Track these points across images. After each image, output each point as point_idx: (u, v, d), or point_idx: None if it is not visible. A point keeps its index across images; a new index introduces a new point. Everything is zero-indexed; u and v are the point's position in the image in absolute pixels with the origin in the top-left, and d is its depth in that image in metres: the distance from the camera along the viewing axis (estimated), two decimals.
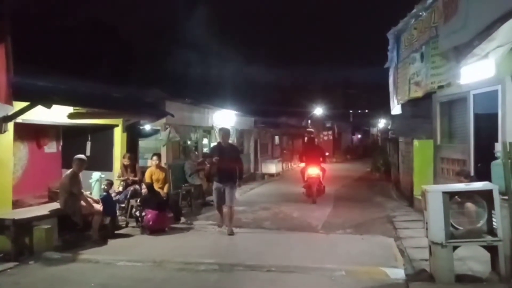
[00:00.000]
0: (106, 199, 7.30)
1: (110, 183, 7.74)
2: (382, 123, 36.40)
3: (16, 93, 5.59)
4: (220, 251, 6.27)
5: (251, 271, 5.24)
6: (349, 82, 35.76)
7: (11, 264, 5.45)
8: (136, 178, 8.35)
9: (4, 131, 6.11)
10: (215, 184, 7.68)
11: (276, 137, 22.71)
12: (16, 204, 6.67)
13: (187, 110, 11.94)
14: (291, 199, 11.42)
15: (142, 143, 10.28)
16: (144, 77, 12.95)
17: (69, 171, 6.80)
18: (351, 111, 37.41)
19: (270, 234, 7.62)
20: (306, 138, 20.96)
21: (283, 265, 5.42)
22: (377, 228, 7.81)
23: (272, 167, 18.93)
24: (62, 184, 6.71)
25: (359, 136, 44.27)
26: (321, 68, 33.86)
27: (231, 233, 7.29)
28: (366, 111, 37.10)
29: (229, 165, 7.48)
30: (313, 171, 10.99)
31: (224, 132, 8.05)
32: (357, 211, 9.71)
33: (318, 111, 29.71)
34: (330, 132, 32.53)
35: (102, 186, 7.75)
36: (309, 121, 29.30)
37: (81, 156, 6.92)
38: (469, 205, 4.60)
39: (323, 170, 11.26)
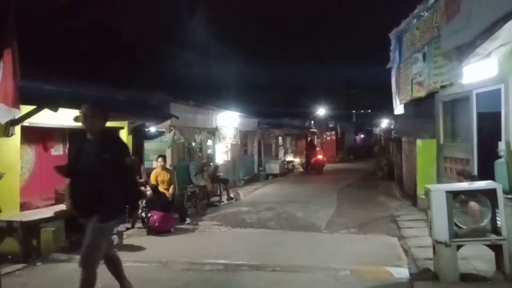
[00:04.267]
0: None
1: None
2: (385, 123, 36.38)
3: (23, 97, 5.67)
4: (225, 251, 6.31)
5: (256, 271, 5.28)
6: (352, 82, 35.83)
7: (19, 266, 5.51)
8: (142, 180, 8.43)
9: (12, 135, 6.20)
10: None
11: (280, 138, 22.79)
12: (23, 206, 6.74)
13: (191, 112, 12.02)
14: (295, 199, 11.47)
15: (148, 145, 10.36)
16: (148, 80, 13.04)
17: None
18: (354, 111, 37.42)
19: (274, 234, 7.66)
20: (308, 140, 25.50)
21: (288, 265, 5.46)
22: (381, 227, 7.84)
23: (275, 168, 18.99)
24: (68, 186, 6.76)
25: (362, 136, 44.21)
26: (324, 68, 33.95)
27: None
28: (369, 111, 37.10)
29: (94, 180, 3.82)
30: (308, 156, 21.48)
31: (89, 110, 3.87)
32: (360, 210, 9.73)
33: (321, 111, 29.74)
34: (333, 132, 32.53)
35: None
36: (312, 122, 29.33)
37: None
38: (473, 204, 4.61)
39: (321, 155, 21.78)
